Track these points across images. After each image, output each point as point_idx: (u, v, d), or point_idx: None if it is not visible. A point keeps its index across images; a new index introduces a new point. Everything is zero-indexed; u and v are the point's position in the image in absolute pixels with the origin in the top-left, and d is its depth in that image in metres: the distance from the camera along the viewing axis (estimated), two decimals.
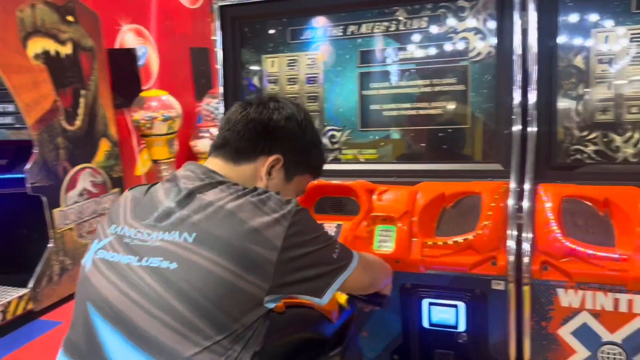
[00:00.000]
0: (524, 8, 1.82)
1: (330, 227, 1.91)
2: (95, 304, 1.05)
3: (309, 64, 2.18)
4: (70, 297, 3.71)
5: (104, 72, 4.06)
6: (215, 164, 1.23)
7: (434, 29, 1.99)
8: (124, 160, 4.30)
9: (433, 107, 2.02)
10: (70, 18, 3.67)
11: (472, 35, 1.94)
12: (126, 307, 1.01)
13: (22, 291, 3.32)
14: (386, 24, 2.05)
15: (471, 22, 1.94)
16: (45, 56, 3.45)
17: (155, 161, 4.69)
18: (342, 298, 1.57)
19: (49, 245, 3.49)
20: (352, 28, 2.09)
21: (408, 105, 2.05)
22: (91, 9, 3.90)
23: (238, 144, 1.22)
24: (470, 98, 1.96)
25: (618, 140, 1.80)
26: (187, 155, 5.17)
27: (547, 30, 1.82)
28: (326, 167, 2.15)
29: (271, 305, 1.08)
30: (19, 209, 3.58)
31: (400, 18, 2.02)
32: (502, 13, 1.88)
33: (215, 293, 1.00)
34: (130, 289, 1.02)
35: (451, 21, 1.96)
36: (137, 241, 1.07)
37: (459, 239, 1.75)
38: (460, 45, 1.96)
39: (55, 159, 3.52)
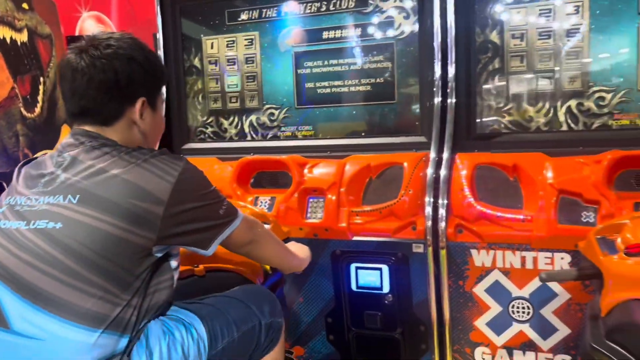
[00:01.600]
0: None
1: (264, 200, 2.01)
2: None
3: (247, 44, 2.26)
4: None
5: None
6: (88, 127, 1.23)
7: (361, 9, 2.08)
8: None
9: (362, 84, 2.12)
10: (25, 5, 3.69)
11: (396, 15, 2.04)
12: (19, 268, 1.09)
13: None
14: (317, 4, 2.13)
15: (395, 2, 2.04)
16: (1, 44, 3.48)
17: None
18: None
19: None
20: (285, 9, 2.18)
21: (339, 82, 2.15)
22: None
23: (101, 109, 1.22)
24: (396, 75, 2.07)
25: (531, 110, 1.92)
26: None
27: (464, 8, 1.92)
28: (266, 144, 2.27)
29: (160, 255, 1.17)
30: None
31: None
32: None
33: (102, 247, 1.08)
34: (20, 251, 1.10)
35: (377, 1, 2.06)
36: (26, 207, 1.15)
37: (382, 206, 1.86)
38: (386, 24, 2.06)
39: (15, 146, 3.56)
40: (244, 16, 2.25)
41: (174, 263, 1.22)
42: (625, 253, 1.26)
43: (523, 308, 1.76)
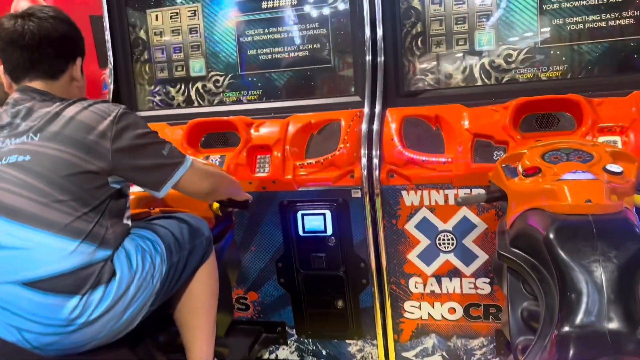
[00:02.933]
0: None
1: (215, 158, 2.17)
2: None
3: (190, 15, 2.39)
4: None
5: None
6: (36, 85, 1.42)
7: None
8: None
9: (301, 49, 2.30)
10: None
11: None
12: (1, 195, 1.28)
13: None
14: None
15: None
16: None
17: None
18: (215, 206, 1.83)
19: None
20: None
21: (279, 49, 2.32)
22: None
23: (50, 63, 1.42)
24: (331, 39, 2.27)
25: (450, 69, 2.16)
26: None
27: None
28: (213, 109, 2.42)
29: (117, 186, 1.39)
30: None
31: None
32: None
33: (67, 173, 1.29)
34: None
35: None
36: None
37: (322, 158, 2.07)
38: None
39: None
40: None
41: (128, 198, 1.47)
42: (523, 175, 1.52)
43: (448, 240, 2.01)
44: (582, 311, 1.15)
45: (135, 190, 1.61)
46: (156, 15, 2.43)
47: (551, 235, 1.24)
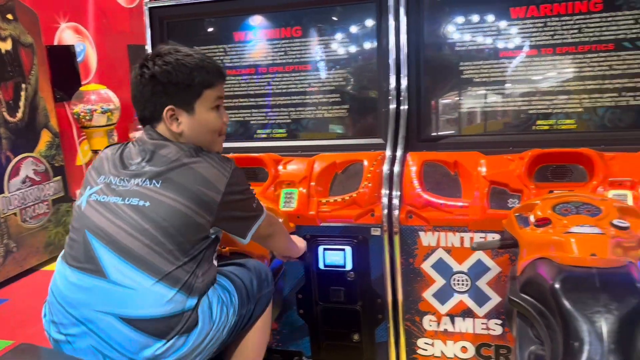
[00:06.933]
0: (397, 12, 2.27)
1: None
2: (92, 230, 1.44)
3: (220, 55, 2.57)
4: (14, 278, 3.95)
5: (44, 67, 4.29)
6: (154, 131, 1.57)
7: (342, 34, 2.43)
8: (65, 151, 4.54)
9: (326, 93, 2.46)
10: (9, 16, 3.90)
11: (358, 37, 2.39)
12: (115, 231, 1.41)
13: None
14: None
15: (356, 27, 2.39)
16: None
17: (95, 151, 4.94)
18: None
19: None
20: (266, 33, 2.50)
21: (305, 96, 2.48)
22: (30, 7, 4.13)
23: (144, 115, 1.58)
24: (358, 85, 2.41)
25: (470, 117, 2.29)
26: None
27: (415, 29, 2.28)
28: (243, 144, 2.56)
29: (213, 236, 1.51)
30: None
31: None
32: (380, 17, 2.33)
33: (179, 223, 1.41)
34: (117, 219, 1.42)
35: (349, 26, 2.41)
36: (120, 187, 1.47)
37: (346, 196, 2.19)
38: (351, 46, 2.41)
39: None
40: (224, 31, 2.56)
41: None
42: (534, 225, 1.62)
43: (462, 280, 2.10)
44: (584, 359, 1.24)
45: None
46: None
47: (557, 285, 1.34)
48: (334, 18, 2.42)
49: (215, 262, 1.57)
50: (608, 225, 1.51)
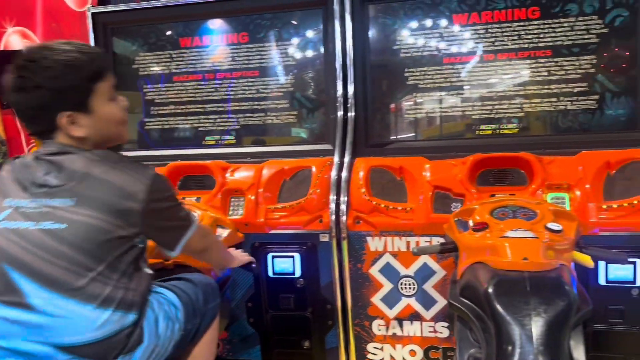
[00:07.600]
0: (342, 18, 2.29)
1: (191, 199, 2.28)
2: (8, 262, 1.34)
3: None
4: None
5: None
6: (55, 143, 1.40)
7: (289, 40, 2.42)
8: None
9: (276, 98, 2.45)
10: None
11: (306, 43, 2.39)
12: (31, 260, 1.32)
13: None
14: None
15: (304, 33, 2.39)
16: None
17: None
18: None
19: None
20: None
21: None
22: None
23: (37, 129, 1.42)
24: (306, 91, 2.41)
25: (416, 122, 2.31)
26: None
27: (360, 35, 2.30)
28: (192, 151, 2.52)
29: (142, 245, 1.44)
30: None
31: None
32: (327, 23, 2.34)
33: (100, 239, 1.32)
34: (32, 246, 1.33)
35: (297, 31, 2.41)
36: (30, 209, 1.37)
37: (294, 203, 2.18)
38: (298, 52, 2.41)
39: None
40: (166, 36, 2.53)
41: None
42: (473, 229, 1.64)
43: (409, 284, 2.12)
44: None
45: None
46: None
47: (490, 290, 1.37)
48: (281, 24, 2.42)
49: (147, 270, 1.49)
50: (542, 229, 1.55)
